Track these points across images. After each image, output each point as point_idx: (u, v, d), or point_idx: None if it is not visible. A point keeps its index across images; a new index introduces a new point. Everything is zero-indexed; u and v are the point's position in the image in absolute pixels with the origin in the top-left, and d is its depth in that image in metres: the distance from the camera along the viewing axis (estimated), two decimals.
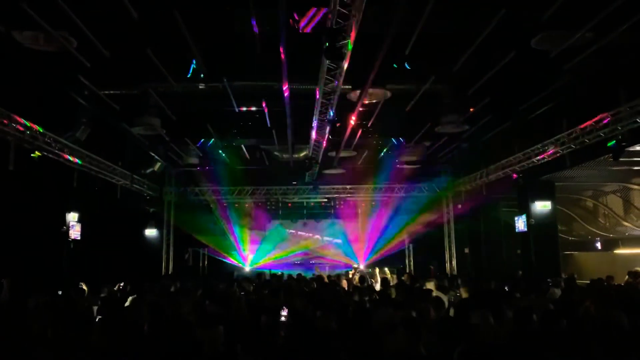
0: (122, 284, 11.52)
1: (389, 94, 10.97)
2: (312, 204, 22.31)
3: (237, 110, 12.50)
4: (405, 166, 18.74)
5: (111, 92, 11.57)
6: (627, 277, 12.03)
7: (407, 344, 4.17)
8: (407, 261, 22.62)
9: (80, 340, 4.81)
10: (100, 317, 6.56)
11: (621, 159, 10.88)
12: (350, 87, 10.60)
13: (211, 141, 16.07)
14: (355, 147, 15.85)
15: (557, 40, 8.65)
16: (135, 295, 9.22)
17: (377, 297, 8.41)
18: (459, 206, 20.09)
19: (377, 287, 12.16)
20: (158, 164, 17.58)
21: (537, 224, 14.84)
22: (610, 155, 10.82)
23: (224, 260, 21.79)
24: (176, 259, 20.08)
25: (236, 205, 21.59)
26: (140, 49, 9.29)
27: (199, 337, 4.58)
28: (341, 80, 9.32)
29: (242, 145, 16.82)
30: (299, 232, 23.17)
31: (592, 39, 8.49)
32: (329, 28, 7.37)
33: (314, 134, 12.93)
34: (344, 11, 7.13)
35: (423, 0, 7.60)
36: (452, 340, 4.64)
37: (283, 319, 6.54)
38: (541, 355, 4.02)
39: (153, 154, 16.59)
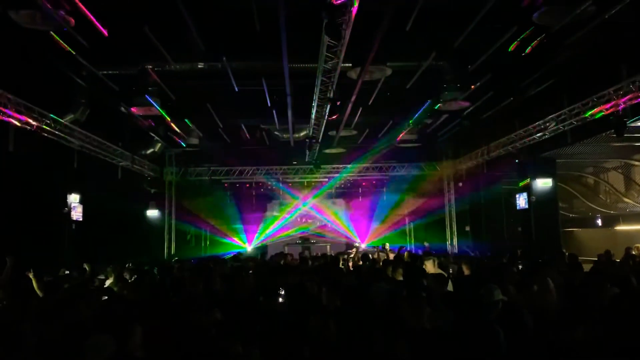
0: (130, 264, 11.57)
1: (389, 71, 10.88)
2: (312, 183, 22.28)
3: (236, 89, 12.42)
4: (406, 145, 18.70)
5: (110, 72, 11.50)
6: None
7: (411, 319, 4.19)
8: (407, 239, 22.72)
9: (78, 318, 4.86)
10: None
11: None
12: (350, 64, 10.52)
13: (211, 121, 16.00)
14: (356, 125, 15.80)
15: (558, 15, 8.56)
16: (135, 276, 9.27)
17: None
18: (460, 184, 20.12)
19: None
20: (158, 145, 17.55)
21: (538, 201, 14.85)
22: (612, 131, 10.79)
23: (225, 240, 21.88)
24: (178, 239, 20.17)
25: (237, 185, 21.63)
26: (139, 28, 9.21)
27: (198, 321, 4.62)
28: (341, 57, 9.25)
29: (242, 125, 16.76)
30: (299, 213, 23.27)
31: (594, 13, 8.40)
32: (329, 4, 7.28)
33: (314, 113, 12.88)
34: None
35: None
36: (459, 316, 4.70)
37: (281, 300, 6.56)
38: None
39: (153, 135, 16.56)
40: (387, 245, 16.98)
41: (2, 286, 6.49)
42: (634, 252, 11.82)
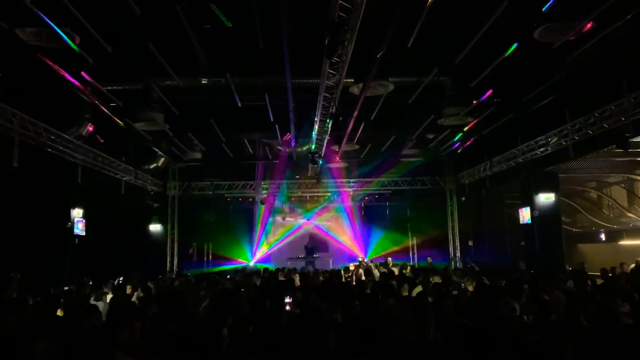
0: (121, 278, 11.58)
1: (391, 86, 10.94)
2: (315, 197, 22.30)
3: (239, 104, 12.48)
4: (409, 159, 18.73)
5: (114, 87, 11.57)
6: (632, 265, 12.11)
7: (417, 333, 4.17)
8: (410, 254, 22.65)
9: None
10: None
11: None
12: (352, 80, 10.57)
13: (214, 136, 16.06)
14: (358, 140, 15.84)
15: (559, 31, 8.61)
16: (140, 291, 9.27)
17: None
18: (463, 199, 20.12)
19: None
20: (162, 159, 17.61)
21: (541, 216, 14.83)
22: (614, 146, 10.81)
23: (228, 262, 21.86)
24: (181, 254, 20.15)
25: (239, 200, 21.64)
26: (143, 44, 9.30)
27: (203, 337, 4.60)
28: (343, 74, 9.31)
29: (245, 140, 16.82)
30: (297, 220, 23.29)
31: (595, 29, 8.45)
32: (330, 22, 7.32)
33: (316, 128, 12.93)
34: (346, 4, 7.09)
35: None
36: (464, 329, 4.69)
37: (288, 307, 6.55)
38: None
39: (156, 149, 16.62)
40: (390, 260, 16.91)
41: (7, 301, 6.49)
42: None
